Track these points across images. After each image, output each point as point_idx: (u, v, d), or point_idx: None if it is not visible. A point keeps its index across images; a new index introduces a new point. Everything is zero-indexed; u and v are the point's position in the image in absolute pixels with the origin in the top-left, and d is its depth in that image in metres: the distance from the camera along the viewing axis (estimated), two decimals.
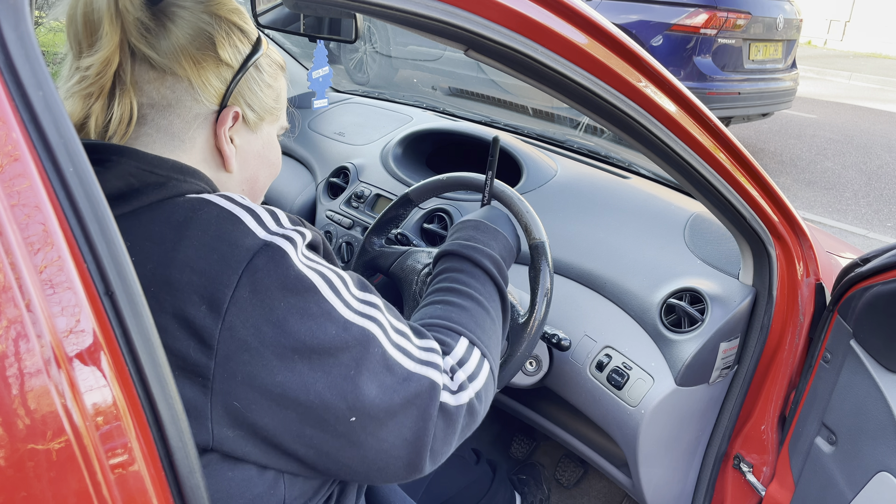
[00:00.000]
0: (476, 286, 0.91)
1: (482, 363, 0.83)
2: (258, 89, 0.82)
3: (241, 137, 0.83)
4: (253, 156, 0.85)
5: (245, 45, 0.81)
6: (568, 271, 1.48)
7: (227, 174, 0.83)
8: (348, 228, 1.82)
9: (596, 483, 1.94)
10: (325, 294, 0.69)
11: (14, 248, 0.44)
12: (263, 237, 0.68)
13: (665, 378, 1.27)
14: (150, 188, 0.70)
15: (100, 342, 0.47)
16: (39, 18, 5.52)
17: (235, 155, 0.82)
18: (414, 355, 0.74)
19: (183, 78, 0.75)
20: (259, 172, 0.87)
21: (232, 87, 0.79)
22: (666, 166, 1.06)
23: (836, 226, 4.63)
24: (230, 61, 0.79)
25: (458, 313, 0.86)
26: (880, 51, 14.97)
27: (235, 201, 0.71)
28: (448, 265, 0.96)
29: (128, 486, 0.49)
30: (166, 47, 0.75)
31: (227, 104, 0.79)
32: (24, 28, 0.45)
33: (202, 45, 0.77)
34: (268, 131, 0.87)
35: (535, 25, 0.79)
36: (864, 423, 1.09)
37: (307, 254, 0.72)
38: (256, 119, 0.83)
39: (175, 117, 0.76)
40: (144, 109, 0.75)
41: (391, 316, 0.76)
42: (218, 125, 0.79)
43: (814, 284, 1.25)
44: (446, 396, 0.75)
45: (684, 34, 5.03)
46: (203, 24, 0.77)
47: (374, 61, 6.27)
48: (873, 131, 7.42)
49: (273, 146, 0.89)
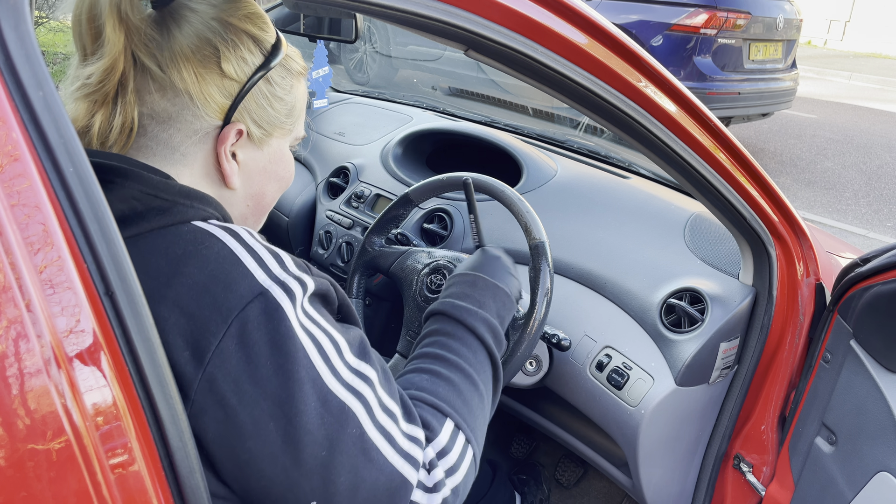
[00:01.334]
0: (467, 355, 0.85)
1: (465, 451, 0.77)
2: (267, 104, 0.77)
3: (245, 153, 0.78)
4: (258, 172, 0.80)
5: (255, 55, 0.75)
6: (568, 271, 1.48)
7: (230, 190, 0.79)
8: (348, 228, 1.82)
9: (596, 483, 1.94)
10: (313, 359, 0.65)
11: (14, 248, 0.44)
12: (262, 283, 0.64)
13: (665, 378, 1.27)
14: (153, 213, 0.66)
15: (100, 342, 0.47)
16: (39, 18, 5.51)
17: (238, 172, 0.78)
18: (396, 442, 0.69)
19: (183, 91, 0.71)
20: (265, 188, 0.82)
21: (236, 103, 0.74)
22: (666, 166, 1.06)
23: (836, 226, 4.63)
24: (235, 75, 0.74)
25: (445, 389, 0.80)
26: (880, 51, 14.97)
27: (240, 238, 0.67)
28: (438, 326, 0.89)
29: (128, 486, 0.49)
30: (168, 57, 0.71)
31: (230, 120, 0.74)
32: (24, 28, 0.45)
33: (205, 56, 0.72)
34: (277, 145, 0.81)
35: (535, 25, 0.79)
36: (864, 424, 1.09)
37: (307, 308, 0.67)
38: (263, 135, 0.78)
39: (175, 131, 0.72)
40: (145, 120, 0.72)
41: (383, 390, 0.70)
42: (218, 143, 0.74)
43: (814, 284, 1.25)
44: (418, 496, 0.70)
45: (684, 34, 5.03)
46: (209, 32, 0.73)
47: (374, 61, 6.26)
48: (873, 131, 7.42)
49: (282, 160, 0.83)
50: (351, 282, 1.47)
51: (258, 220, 0.85)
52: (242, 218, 0.82)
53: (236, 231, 0.69)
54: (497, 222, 1.61)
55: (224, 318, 0.61)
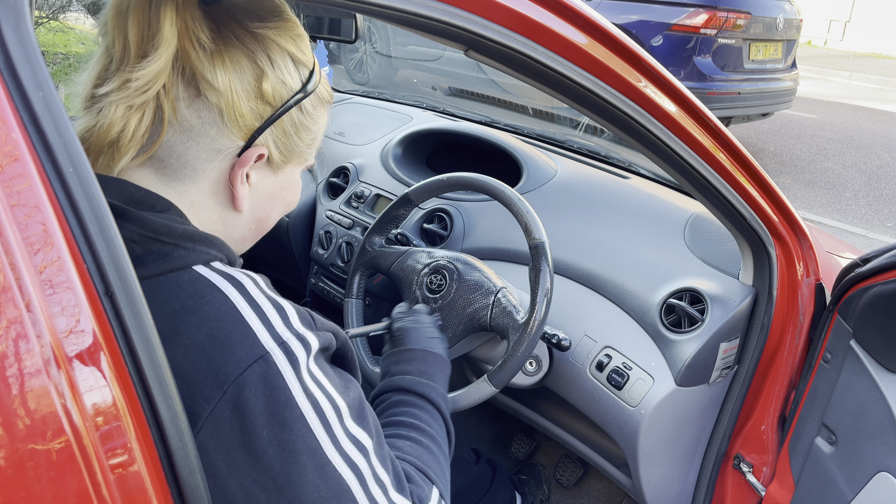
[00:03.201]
0: (435, 426, 0.90)
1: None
2: (294, 132, 0.73)
3: (259, 177, 0.73)
4: (267, 196, 0.76)
5: (294, 80, 0.71)
6: (568, 271, 1.48)
7: (236, 212, 0.74)
8: (348, 228, 1.82)
9: (596, 483, 1.94)
10: (314, 428, 0.62)
11: (14, 248, 0.44)
12: (264, 344, 0.60)
13: (665, 378, 1.27)
14: (152, 258, 0.62)
15: (100, 342, 0.47)
16: (39, 18, 5.51)
17: (249, 195, 0.73)
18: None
19: (214, 106, 0.66)
20: (271, 212, 0.78)
21: (265, 126, 0.69)
22: (666, 166, 1.06)
23: (836, 226, 4.63)
24: (272, 98, 0.69)
25: (427, 456, 0.82)
26: (880, 51, 14.97)
27: (244, 290, 0.63)
28: (406, 398, 0.94)
29: (128, 487, 0.49)
30: (207, 67, 0.65)
31: (254, 143, 0.69)
32: (24, 28, 0.45)
33: (246, 73, 0.67)
34: (290, 171, 0.77)
35: (535, 25, 0.79)
36: (864, 424, 1.09)
37: (312, 368, 0.64)
38: (282, 161, 0.74)
39: (193, 144, 0.67)
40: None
41: (377, 459, 0.68)
42: (237, 165, 0.70)
43: (814, 284, 1.25)
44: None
45: (684, 34, 5.03)
46: (256, 46, 0.68)
47: (374, 61, 6.26)
48: (873, 131, 7.42)
49: (292, 186, 0.79)
50: (351, 282, 1.47)
51: (254, 241, 0.81)
52: (242, 240, 0.78)
53: (240, 281, 0.64)
54: (497, 222, 1.61)
55: (220, 384, 0.58)
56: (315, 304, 1.98)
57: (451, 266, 1.31)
